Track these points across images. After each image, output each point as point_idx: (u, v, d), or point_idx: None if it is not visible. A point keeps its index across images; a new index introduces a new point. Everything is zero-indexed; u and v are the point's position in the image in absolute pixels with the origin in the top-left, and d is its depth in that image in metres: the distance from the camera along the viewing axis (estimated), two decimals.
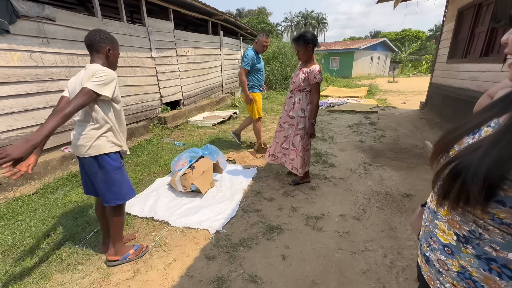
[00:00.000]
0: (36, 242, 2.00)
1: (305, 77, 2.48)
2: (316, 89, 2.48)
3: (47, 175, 3.00)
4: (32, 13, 2.95)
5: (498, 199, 0.45)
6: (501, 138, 0.45)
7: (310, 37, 2.41)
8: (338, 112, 6.87)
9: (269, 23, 22.19)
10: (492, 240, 0.50)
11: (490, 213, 0.47)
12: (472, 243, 0.53)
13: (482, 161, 0.45)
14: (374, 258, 1.82)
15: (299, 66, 2.63)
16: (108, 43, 1.57)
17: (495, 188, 0.45)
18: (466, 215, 0.53)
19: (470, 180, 0.46)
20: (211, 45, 7.83)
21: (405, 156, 3.69)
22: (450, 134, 0.60)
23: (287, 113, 2.67)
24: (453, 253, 0.57)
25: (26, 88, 2.97)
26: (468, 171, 0.47)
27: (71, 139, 1.61)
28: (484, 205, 0.47)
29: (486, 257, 0.51)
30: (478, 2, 4.51)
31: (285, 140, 2.77)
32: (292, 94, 2.64)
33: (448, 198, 0.53)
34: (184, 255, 1.88)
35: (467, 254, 0.54)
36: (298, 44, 2.44)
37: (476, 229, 0.52)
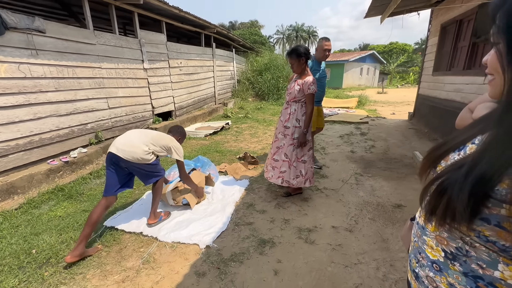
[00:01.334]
0: (17, 261, 1.90)
1: (300, 88, 2.53)
2: (310, 100, 2.53)
3: (32, 189, 2.89)
4: (21, 25, 2.93)
5: (483, 217, 0.45)
6: (483, 156, 0.46)
7: (302, 50, 2.49)
8: (330, 123, 6.96)
9: (262, 36, 22.65)
10: (478, 257, 0.50)
11: (476, 231, 0.48)
12: (459, 260, 0.53)
13: (466, 178, 0.46)
14: (366, 271, 1.80)
15: (294, 78, 2.68)
16: (180, 136, 2.57)
17: (480, 205, 0.45)
18: (453, 231, 0.53)
19: (455, 197, 0.47)
20: (204, 57, 7.91)
21: (395, 166, 3.74)
22: (437, 150, 0.61)
23: (283, 123, 2.68)
24: (441, 270, 0.57)
25: (12, 100, 2.90)
26: (454, 187, 0.47)
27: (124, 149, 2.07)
28: (470, 222, 0.47)
29: (473, 274, 0.51)
30: (459, 18, 4.73)
31: (277, 151, 2.72)
32: (288, 105, 2.67)
33: (436, 214, 0.53)
34: (173, 272, 1.82)
35: (455, 271, 0.54)
36: (292, 57, 2.51)
37: (463, 246, 0.52)
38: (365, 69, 25.46)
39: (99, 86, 4.05)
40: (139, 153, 2.06)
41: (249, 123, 6.92)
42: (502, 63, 0.47)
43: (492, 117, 0.55)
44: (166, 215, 2.44)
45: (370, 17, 6.03)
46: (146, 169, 2.15)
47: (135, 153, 2.05)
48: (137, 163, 2.08)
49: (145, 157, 2.09)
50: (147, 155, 2.10)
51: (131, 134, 2.18)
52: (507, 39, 0.45)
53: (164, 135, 2.32)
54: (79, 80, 3.71)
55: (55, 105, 3.40)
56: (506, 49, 0.45)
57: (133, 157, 2.04)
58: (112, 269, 1.84)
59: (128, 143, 2.08)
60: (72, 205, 2.74)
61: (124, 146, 2.05)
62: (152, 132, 2.30)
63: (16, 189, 2.75)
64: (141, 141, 2.12)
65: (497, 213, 0.44)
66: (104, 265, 1.88)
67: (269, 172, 2.79)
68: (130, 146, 2.06)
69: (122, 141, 2.10)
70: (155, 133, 2.28)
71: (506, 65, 0.46)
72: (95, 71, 3.98)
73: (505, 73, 0.47)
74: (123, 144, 2.06)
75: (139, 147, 2.08)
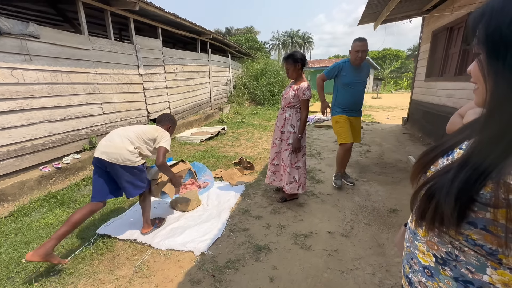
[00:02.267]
0: (5, 271, 1.85)
1: (295, 94, 2.55)
2: (304, 105, 2.55)
3: (23, 196, 2.84)
4: (15, 31, 2.91)
5: (470, 221, 0.46)
6: (468, 161, 0.47)
7: (299, 56, 2.52)
8: (325, 128, 7.01)
9: (257, 41, 22.83)
10: (467, 262, 0.51)
11: (464, 234, 0.48)
12: (449, 265, 0.54)
13: (452, 182, 0.47)
14: (363, 277, 1.79)
15: (289, 84, 2.69)
16: (171, 124, 2.37)
17: (466, 209, 0.46)
18: (442, 236, 0.54)
19: (443, 201, 0.47)
20: (200, 62, 7.94)
21: (390, 171, 3.77)
22: (427, 155, 0.62)
23: (279, 129, 2.70)
24: (432, 275, 0.57)
25: (4, 106, 2.86)
26: (441, 192, 0.48)
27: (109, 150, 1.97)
28: (457, 226, 0.48)
29: (463, 279, 0.52)
30: (450, 25, 4.85)
31: (276, 157, 2.78)
32: (283, 110, 2.68)
33: (425, 219, 0.54)
34: (167, 280, 1.79)
35: (446, 276, 0.55)
36: (288, 62, 2.52)
37: (453, 250, 0.53)
38: None
39: (93, 91, 4.03)
40: (123, 153, 1.95)
41: (245, 128, 6.92)
42: (483, 72, 0.49)
43: (477, 123, 0.57)
44: (160, 222, 2.40)
45: (364, 24, 6.14)
46: (130, 174, 2.01)
47: (120, 154, 1.94)
48: (122, 166, 1.95)
49: (130, 158, 1.97)
50: (132, 156, 1.98)
51: (114, 134, 2.06)
52: (486, 50, 0.47)
53: (148, 128, 2.19)
54: (73, 85, 3.68)
55: (48, 111, 3.36)
56: (486, 60, 0.47)
57: (117, 159, 1.93)
58: (104, 278, 1.80)
59: (111, 145, 1.97)
60: (65, 212, 2.68)
61: (107, 148, 1.95)
62: (135, 126, 2.18)
63: (6, 196, 2.69)
64: (125, 140, 2.00)
65: (483, 217, 0.45)
66: (96, 274, 1.84)
67: (270, 177, 2.85)
68: (114, 147, 1.95)
69: (104, 143, 2.00)
70: (139, 127, 2.16)
71: (486, 74, 0.48)
72: (90, 76, 3.96)
73: (486, 82, 0.48)
74: (106, 146, 1.96)
75: (123, 147, 1.97)
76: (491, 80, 0.47)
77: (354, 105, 3.00)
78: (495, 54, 0.45)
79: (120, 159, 1.94)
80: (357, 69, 2.88)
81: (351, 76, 2.88)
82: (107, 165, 1.96)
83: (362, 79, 2.95)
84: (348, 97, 2.97)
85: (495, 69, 0.46)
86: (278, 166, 2.80)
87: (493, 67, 0.46)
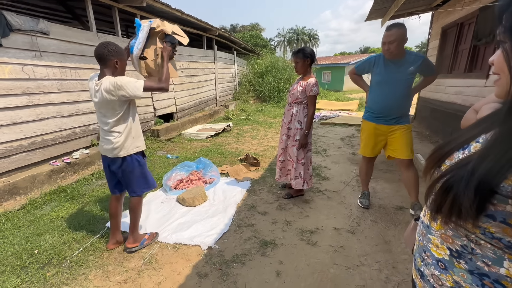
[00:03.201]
0: (19, 261, 1.90)
1: (302, 90, 2.55)
2: (312, 101, 2.55)
3: (34, 189, 2.90)
4: (26, 27, 2.96)
5: (489, 214, 0.46)
6: (489, 153, 0.47)
7: (309, 51, 2.54)
8: (331, 125, 6.97)
9: (263, 38, 22.75)
10: (484, 255, 0.50)
11: (481, 227, 0.48)
12: (464, 258, 0.54)
13: (472, 175, 0.46)
14: (369, 273, 1.80)
15: (297, 80, 2.70)
16: (115, 56, 1.73)
17: (486, 202, 0.45)
18: (458, 229, 0.53)
19: (461, 193, 0.47)
20: (206, 59, 7.95)
21: (396, 168, 3.73)
22: (441, 149, 0.61)
23: (286, 125, 2.70)
24: (446, 268, 0.57)
25: (16, 101, 2.92)
26: (460, 184, 0.48)
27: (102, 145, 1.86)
28: (475, 219, 0.47)
29: (478, 272, 0.52)
30: (460, 21, 4.75)
31: (282, 153, 2.80)
32: (290, 106, 2.68)
33: (441, 212, 0.53)
34: (175, 273, 1.82)
35: (460, 269, 0.54)
36: (298, 56, 2.53)
37: (469, 243, 0.52)
38: None
39: None
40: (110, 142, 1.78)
41: (250, 125, 6.93)
42: (509, 62, 0.48)
43: (496, 116, 0.56)
44: (150, 238, 2.10)
45: (371, 20, 6.06)
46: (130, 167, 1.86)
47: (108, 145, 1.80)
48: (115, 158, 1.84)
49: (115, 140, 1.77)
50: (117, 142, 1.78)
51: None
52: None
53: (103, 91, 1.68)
54: (82, 81, 3.73)
55: (58, 107, 3.42)
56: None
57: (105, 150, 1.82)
58: (114, 270, 1.84)
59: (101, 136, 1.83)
60: (74, 206, 2.74)
61: (101, 142, 1.86)
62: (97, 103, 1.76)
63: (18, 189, 2.75)
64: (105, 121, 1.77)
65: (503, 210, 0.44)
66: (106, 266, 1.88)
67: (277, 174, 2.89)
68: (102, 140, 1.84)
69: None
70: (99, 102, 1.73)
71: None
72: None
73: (511, 71, 0.47)
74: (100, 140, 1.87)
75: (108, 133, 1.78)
76: None
77: (384, 109, 2.37)
78: None
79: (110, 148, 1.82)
80: (395, 63, 2.27)
81: (384, 73, 2.32)
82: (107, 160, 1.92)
83: (401, 77, 2.26)
84: (378, 99, 2.39)
85: None
86: (284, 162, 2.83)
87: None
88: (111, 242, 2.05)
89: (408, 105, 2.40)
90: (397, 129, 2.41)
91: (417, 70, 2.28)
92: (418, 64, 2.25)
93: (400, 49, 2.21)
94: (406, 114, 2.42)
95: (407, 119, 2.42)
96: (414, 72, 2.27)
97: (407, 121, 2.42)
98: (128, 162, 1.87)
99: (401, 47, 2.20)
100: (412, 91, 2.37)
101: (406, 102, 2.37)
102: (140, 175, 1.96)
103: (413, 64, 2.25)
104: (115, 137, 1.80)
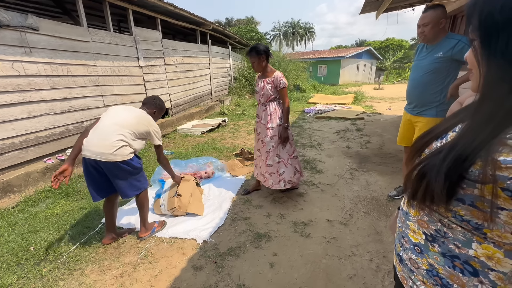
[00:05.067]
0: (15, 258, 1.92)
1: (272, 86, 2.46)
2: (284, 94, 2.49)
3: (28, 187, 2.90)
4: (14, 23, 2.90)
5: (459, 197, 0.49)
6: (458, 142, 0.50)
7: (262, 48, 2.41)
8: (326, 119, 7.00)
9: (258, 32, 22.52)
10: (455, 238, 0.54)
11: (453, 211, 0.51)
12: (438, 242, 0.57)
13: (443, 161, 0.49)
14: (360, 262, 1.85)
15: (258, 78, 2.58)
16: (157, 108, 2.16)
17: (455, 187, 0.49)
18: (432, 214, 0.57)
19: (433, 179, 0.50)
20: (200, 54, 7.88)
21: (390, 161, 3.79)
22: (422, 139, 0.65)
23: (266, 126, 2.55)
24: (422, 252, 0.61)
25: (7, 98, 2.89)
26: (432, 171, 0.51)
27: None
28: (447, 203, 0.51)
29: (450, 254, 0.55)
30: (453, 13, 4.76)
31: (268, 156, 2.58)
32: (265, 106, 2.55)
33: (416, 198, 0.57)
34: (170, 266, 1.85)
35: (434, 252, 0.58)
36: (251, 55, 2.42)
37: (442, 228, 0.56)
38: (362, 65, 25.49)
39: (94, 84, 4.04)
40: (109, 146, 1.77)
41: (245, 120, 6.93)
42: (477, 57, 0.51)
43: (471, 107, 0.59)
44: (160, 226, 2.25)
45: (366, 13, 6.04)
46: (127, 170, 1.85)
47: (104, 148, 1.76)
48: (112, 163, 1.79)
49: (121, 152, 1.79)
50: (123, 149, 1.81)
51: (101, 125, 1.86)
52: (480, 35, 0.49)
53: (141, 117, 1.96)
54: (74, 78, 3.69)
55: (50, 103, 3.39)
56: (480, 45, 0.49)
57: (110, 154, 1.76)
58: (110, 265, 1.87)
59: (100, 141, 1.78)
60: (69, 202, 2.75)
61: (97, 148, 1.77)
62: (125, 118, 1.90)
63: (12, 187, 2.75)
64: (113, 133, 1.80)
65: (471, 193, 0.48)
66: (102, 261, 1.90)
67: (268, 180, 2.63)
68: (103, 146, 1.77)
69: (90, 137, 1.82)
70: (129, 120, 1.89)
71: (480, 59, 0.50)
72: (90, 68, 3.96)
73: (480, 67, 0.51)
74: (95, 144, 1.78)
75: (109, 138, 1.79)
76: (484, 64, 0.49)
77: (407, 97, 2.32)
78: (488, 39, 0.48)
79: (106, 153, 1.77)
80: (429, 48, 2.11)
81: (415, 59, 2.25)
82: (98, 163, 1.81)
83: (425, 62, 2.11)
84: (408, 86, 2.30)
85: (488, 54, 0.49)
86: (272, 167, 2.58)
87: (486, 51, 0.49)
88: (107, 237, 2.08)
89: (432, 95, 2.11)
90: (419, 122, 2.25)
91: (448, 55, 1.98)
92: (451, 47, 1.96)
93: (434, 32, 2.01)
94: (431, 105, 2.14)
95: (432, 112, 2.15)
96: (444, 57, 2.00)
97: (433, 114, 2.15)
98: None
99: (435, 31, 2.00)
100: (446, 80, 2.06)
101: (428, 90, 2.12)
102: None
103: (445, 47, 1.99)
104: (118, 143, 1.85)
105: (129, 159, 1.84)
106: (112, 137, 1.79)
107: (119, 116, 1.91)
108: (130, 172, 1.88)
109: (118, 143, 1.79)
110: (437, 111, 2.13)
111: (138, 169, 1.94)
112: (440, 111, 2.12)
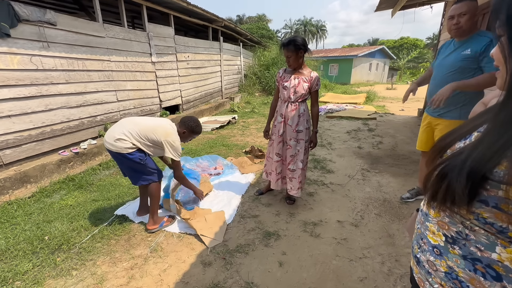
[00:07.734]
0: (30, 246, 1.97)
1: (308, 86, 2.26)
2: (317, 97, 2.36)
3: (44, 178, 2.98)
4: (33, 18, 2.98)
5: (482, 199, 0.47)
6: (482, 141, 0.48)
7: (301, 41, 2.15)
8: (337, 118, 6.90)
9: (269, 30, 22.42)
10: (477, 240, 0.52)
11: (475, 213, 0.49)
12: (459, 244, 0.55)
13: (465, 162, 0.48)
14: (372, 265, 1.81)
15: (290, 73, 2.31)
16: (187, 129, 2.18)
17: (478, 187, 0.47)
18: (453, 216, 0.55)
19: (455, 180, 0.49)
20: (211, 51, 7.90)
21: (403, 163, 3.70)
22: (444, 139, 0.63)
23: (293, 128, 2.32)
24: (441, 254, 0.59)
25: (25, 91, 2.97)
26: (453, 172, 0.49)
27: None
28: (469, 205, 0.49)
29: (471, 257, 0.53)
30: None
31: (292, 160, 2.40)
32: (295, 105, 2.31)
33: (436, 199, 0.55)
34: (180, 261, 1.86)
35: (454, 254, 0.56)
36: (289, 49, 2.16)
37: (463, 230, 0.54)
38: (374, 64, 24.99)
39: (108, 79, 4.10)
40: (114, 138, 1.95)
41: (255, 117, 6.91)
42: (505, 54, 0.49)
43: (496, 107, 0.56)
44: (169, 221, 2.25)
45: (381, 10, 5.89)
46: (128, 163, 2.01)
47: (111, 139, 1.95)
48: (116, 153, 1.96)
49: (119, 145, 1.93)
50: (121, 143, 1.93)
51: (122, 121, 2.06)
52: (508, 31, 0.47)
53: (161, 126, 2.05)
54: (88, 72, 3.76)
55: (66, 97, 3.47)
56: (508, 41, 0.47)
57: (111, 144, 1.94)
58: (121, 257, 1.90)
59: (111, 132, 1.99)
60: (82, 194, 2.81)
61: (107, 137, 1.98)
62: (144, 121, 2.07)
63: (29, 178, 2.83)
64: (122, 129, 1.98)
65: (495, 195, 0.46)
66: (113, 253, 1.93)
67: (288, 184, 2.48)
68: (110, 137, 1.97)
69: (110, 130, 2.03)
70: (146, 123, 2.04)
71: (507, 56, 0.48)
72: (104, 64, 4.03)
73: (507, 63, 0.49)
74: (107, 135, 1.99)
75: (116, 131, 1.97)
76: (511, 62, 0.47)
77: (428, 97, 2.11)
78: None
79: (111, 143, 1.95)
80: (457, 44, 1.94)
81: (441, 55, 2.06)
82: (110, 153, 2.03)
83: (450, 60, 1.95)
84: (430, 86, 2.13)
85: None
86: (295, 172, 2.41)
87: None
88: (140, 210, 2.35)
89: (456, 95, 1.89)
90: (440, 124, 2.10)
91: (476, 54, 1.80)
92: (483, 45, 1.77)
93: (471, 24, 1.82)
94: (455, 106, 1.98)
95: (455, 114, 1.99)
96: (472, 55, 1.82)
97: (456, 116, 1.99)
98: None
99: (472, 23, 1.81)
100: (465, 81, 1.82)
101: None
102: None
103: (475, 45, 1.81)
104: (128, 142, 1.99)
105: (126, 153, 1.95)
106: (117, 131, 1.97)
107: (141, 119, 2.10)
108: (131, 165, 2.03)
109: (119, 136, 1.94)
110: (461, 113, 1.97)
111: (138, 163, 2.01)
112: (464, 113, 1.95)
